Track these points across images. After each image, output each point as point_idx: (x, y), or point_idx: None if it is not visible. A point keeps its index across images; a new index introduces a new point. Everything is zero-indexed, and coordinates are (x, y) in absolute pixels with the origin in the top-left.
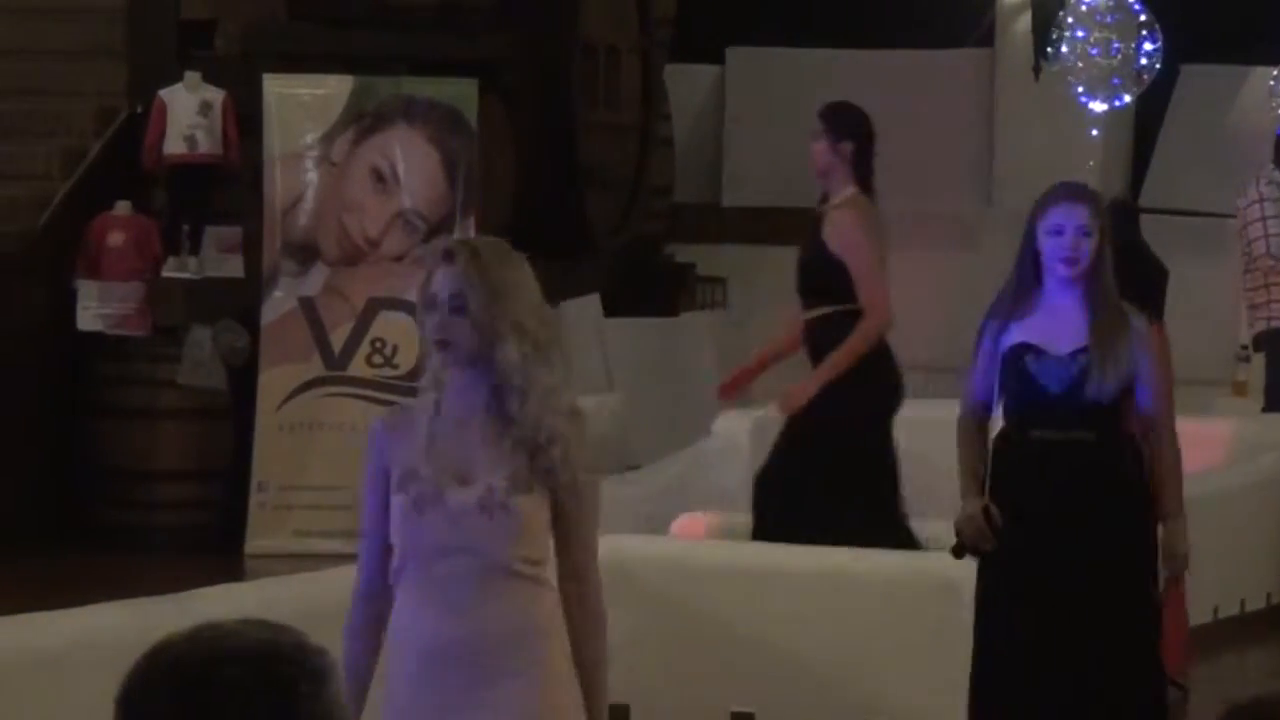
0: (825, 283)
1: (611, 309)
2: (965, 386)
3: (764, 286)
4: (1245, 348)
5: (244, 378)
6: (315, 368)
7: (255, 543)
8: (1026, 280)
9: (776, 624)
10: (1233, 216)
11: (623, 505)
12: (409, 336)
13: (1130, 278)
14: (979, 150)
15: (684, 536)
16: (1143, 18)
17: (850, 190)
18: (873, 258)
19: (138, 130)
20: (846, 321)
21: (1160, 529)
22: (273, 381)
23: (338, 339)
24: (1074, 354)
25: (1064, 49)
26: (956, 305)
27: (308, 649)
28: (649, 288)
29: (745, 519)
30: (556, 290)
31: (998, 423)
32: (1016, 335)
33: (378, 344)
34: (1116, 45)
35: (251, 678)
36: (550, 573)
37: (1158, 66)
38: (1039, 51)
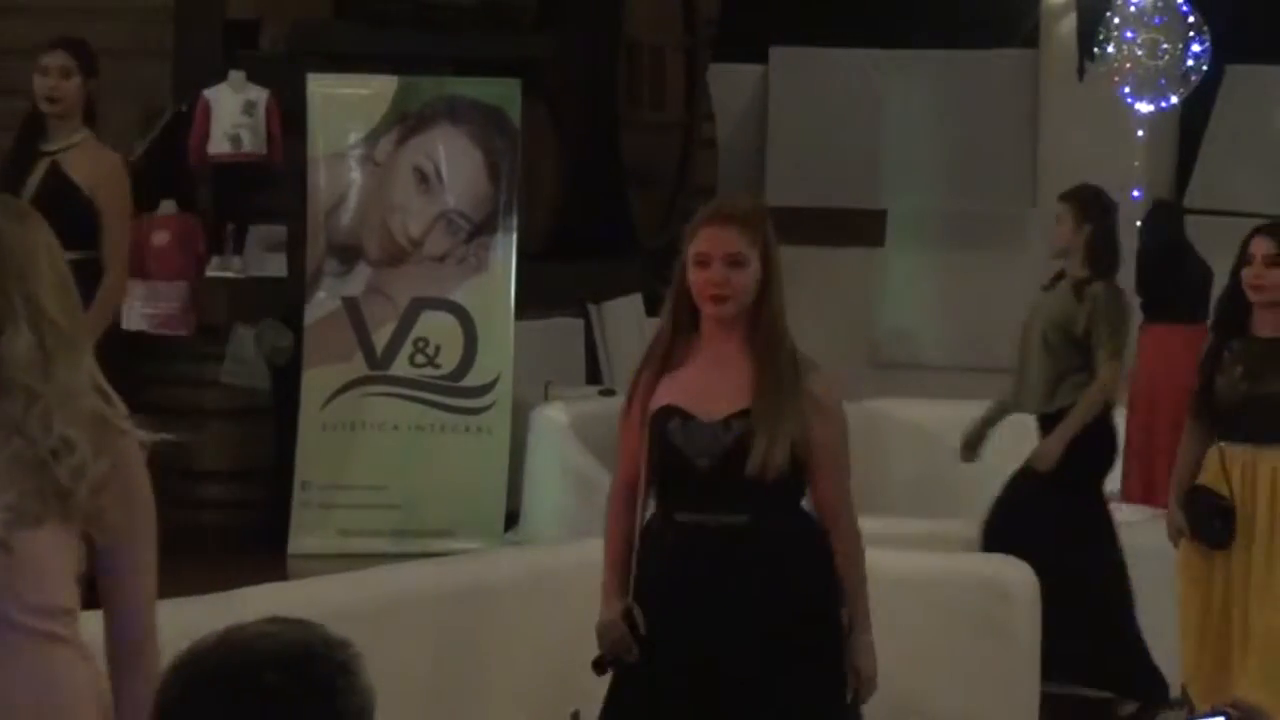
0: (71, 224)
1: (654, 309)
2: (618, 454)
3: (807, 287)
4: None
5: (287, 377)
6: (358, 367)
7: (299, 542)
8: (681, 322)
9: None
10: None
11: None
12: (452, 336)
13: (1175, 279)
14: (1023, 151)
15: None
16: (1191, 19)
17: (89, 131)
18: (130, 209)
19: (182, 130)
20: (90, 269)
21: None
22: (316, 381)
23: (380, 339)
24: (729, 420)
25: (1110, 49)
26: (1000, 306)
27: (334, 643)
28: None
29: None
30: (600, 289)
31: None
32: (664, 395)
33: (420, 344)
34: (1164, 47)
35: (292, 681)
36: (81, 629)
37: (1205, 68)
38: (1084, 52)
